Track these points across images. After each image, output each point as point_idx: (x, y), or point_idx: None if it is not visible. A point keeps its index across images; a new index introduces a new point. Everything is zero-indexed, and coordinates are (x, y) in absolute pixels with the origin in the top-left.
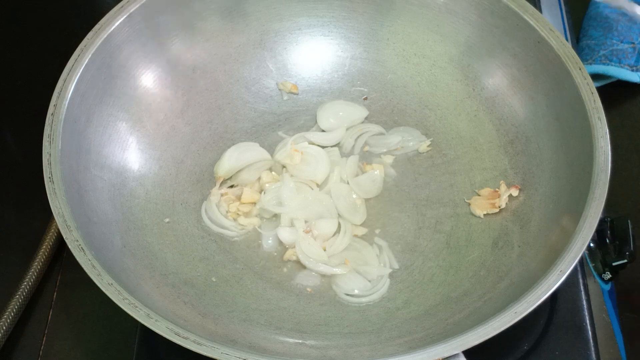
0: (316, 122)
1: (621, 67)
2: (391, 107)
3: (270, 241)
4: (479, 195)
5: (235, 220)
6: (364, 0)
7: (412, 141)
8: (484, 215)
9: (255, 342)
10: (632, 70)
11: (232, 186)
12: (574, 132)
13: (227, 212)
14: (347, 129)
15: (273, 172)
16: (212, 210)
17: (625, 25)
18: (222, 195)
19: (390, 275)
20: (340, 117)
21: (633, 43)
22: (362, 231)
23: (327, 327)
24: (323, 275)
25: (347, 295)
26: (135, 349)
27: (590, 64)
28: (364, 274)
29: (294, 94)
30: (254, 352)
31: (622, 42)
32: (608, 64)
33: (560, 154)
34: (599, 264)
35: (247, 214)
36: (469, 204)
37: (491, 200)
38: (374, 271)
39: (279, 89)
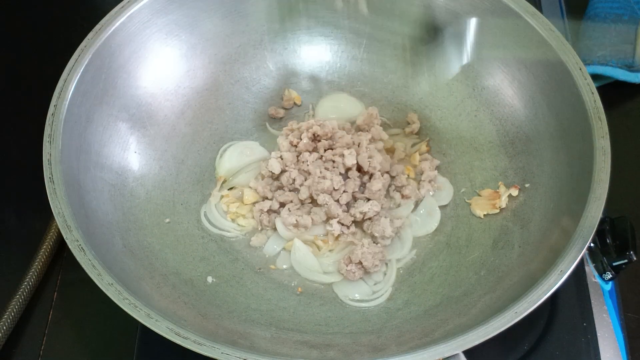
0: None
1: (620, 67)
2: (391, 107)
3: (270, 242)
4: (479, 196)
5: (234, 221)
6: (364, 0)
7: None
8: (484, 215)
9: (255, 342)
10: (631, 71)
11: (231, 188)
12: (574, 132)
13: (226, 212)
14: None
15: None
16: (212, 212)
17: (624, 26)
18: (222, 197)
19: None
20: (338, 110)
21: (631, 43)
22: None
23: (327, 327)
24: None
25: (349, 299)
26: (135, 349)
27: (589, 64)
28: (366, 280)
29: (296, 105)
30: (254, 352)
31: (620, 42)
32: (606, 65)
33: (560, 154)
34: (600, 264)
35: (246, 215)
36: (469, 204)
37: (491, 200)
38: (377, 277)
39: (284, 94)
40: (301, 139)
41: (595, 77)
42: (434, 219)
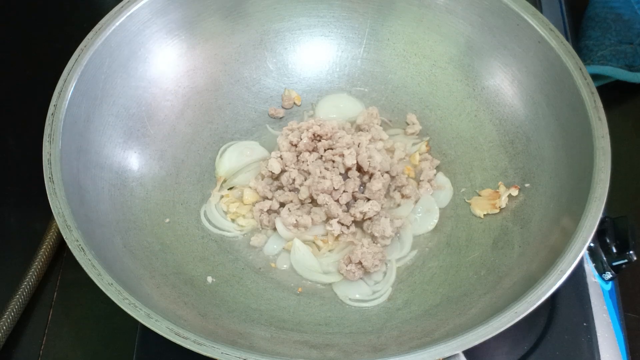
0: (314, 115)
1: (619, 67)
2: (391, 107)
3: (270, 242)
4: (479, 196)
5: (234, 221)
6: (364, 0)
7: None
8: (484, 215)
9: (255, 342)
10: (631, 71)
11: (231, 188)
12: (574, 132)
13: (226, 212)
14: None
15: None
16: (212, 212)
17: (624, 26)
18: (222, 197)
19: None
20: (338, 110)
21: (631, 43)
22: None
23: (327, 327)
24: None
25: (349, 299)
26: (135, 349)
27: (589, 64)
28: (366, 280)
29: (296, 105)
30: (254, 352)
31: (620, 42)
32: (606, 65)
33: (560, 154)
34: (600, 264)
35: (246, 215)
36: (469, 204)
37: (491, 200)
38: (377, 277)
39: (284, 94)
40: (301, 139)
41: (595, 77)
42: (433, 217)
